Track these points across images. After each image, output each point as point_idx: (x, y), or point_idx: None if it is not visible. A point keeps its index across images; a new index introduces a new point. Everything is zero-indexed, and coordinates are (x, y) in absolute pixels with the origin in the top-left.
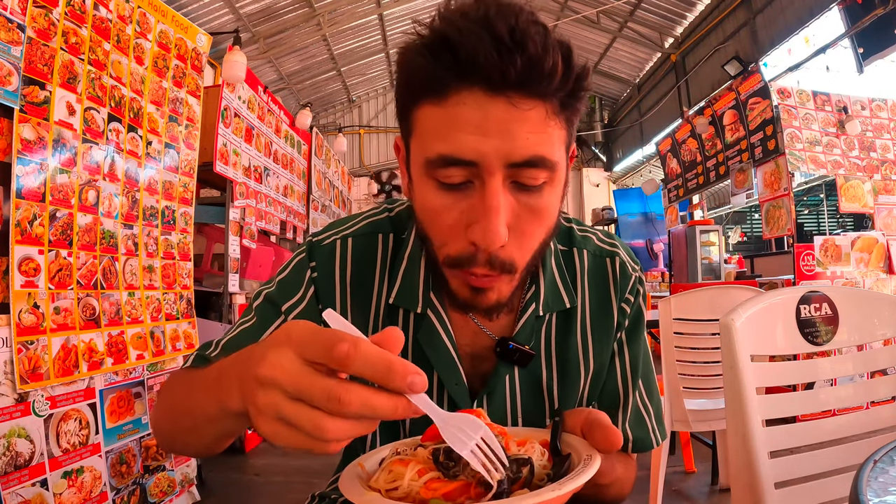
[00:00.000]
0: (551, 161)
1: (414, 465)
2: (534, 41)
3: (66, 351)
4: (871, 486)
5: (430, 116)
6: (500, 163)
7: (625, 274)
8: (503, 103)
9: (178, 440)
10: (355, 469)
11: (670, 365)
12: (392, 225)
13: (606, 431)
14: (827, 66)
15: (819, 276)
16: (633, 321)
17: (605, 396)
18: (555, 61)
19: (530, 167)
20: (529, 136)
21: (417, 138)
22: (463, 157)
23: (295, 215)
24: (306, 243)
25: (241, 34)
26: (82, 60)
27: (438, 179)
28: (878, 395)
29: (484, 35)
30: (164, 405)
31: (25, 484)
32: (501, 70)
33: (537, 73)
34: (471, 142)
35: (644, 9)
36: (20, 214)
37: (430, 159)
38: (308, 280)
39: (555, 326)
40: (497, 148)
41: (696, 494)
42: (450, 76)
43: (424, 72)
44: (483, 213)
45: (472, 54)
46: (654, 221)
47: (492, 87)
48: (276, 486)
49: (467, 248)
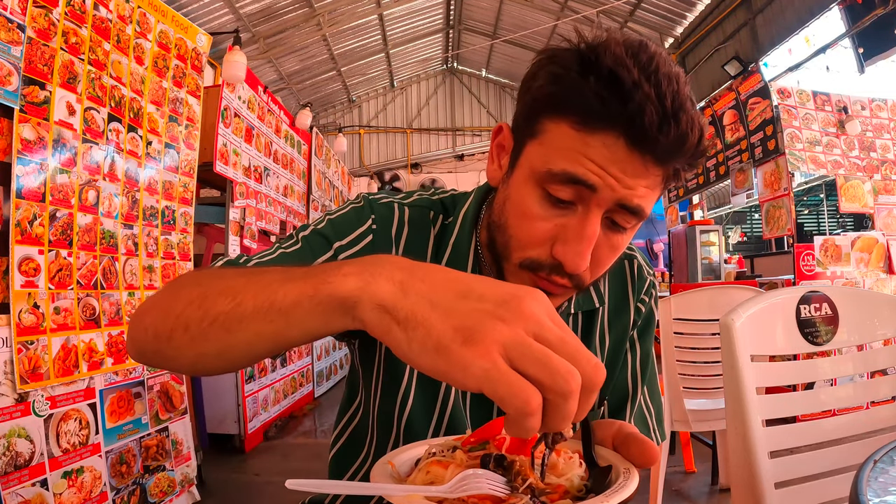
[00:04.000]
0: (646, 215)
1: (454, 468)
2: (687, 117)
3: (66, 351)
4: (871, 486)
5: (567, 135)
6: (612, 199)
7: (642, 276)
8: (638, 160)
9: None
10: (386, 468)
11: (670, 365)
12: (441, 207)
13: (643, 446)
14: (827, 66)
15: (819, 276)
16: (645, 320)
17: (615, 391)
18: (694, 141)
19: (630, 214)
20: (644, 191)
21: (541, 146)
22: (587, 179)
23: (295, 215)
24: (362, 197)
25: (241, 34)
26: (82, 60)
27: (548, 191)
28: (878, 395)
29: (653, 95)
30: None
31: (25, 484)
32: (656, 136)
33: (678, 149)
34: (598, 171)
35: (644, 9)
36: (20, 214)
37: (552, 172)
38: (367, 229)
39: (581, 324)
40: (616, 187)
41: (696, 494)
42: (606, 115)
43: (583, 97)
44: (577, 237)
45: (639, 110)
46: (654, 221)
47: (635, 143)
48: (276, 486)
49: (549, 259)
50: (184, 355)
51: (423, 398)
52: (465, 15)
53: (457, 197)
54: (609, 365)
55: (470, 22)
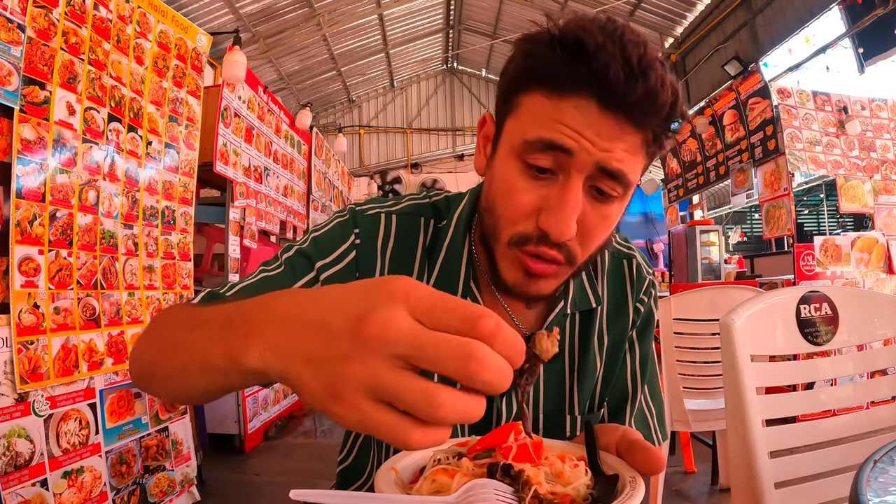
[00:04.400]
0: (630, 181)
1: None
2: (656, 74)
3: (66, 351)
4: (871, 486)
5: (540, 105)
6: (590, 162)
7: (641, 276)
8: (611, 121)
9: (156, 381)
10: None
11: (670, 365)
12: (433, 211)
13: (648, 453)
14: (827, 66)
15: (819, 276)
16: (644, 321)
17: (614, 392)
18: (666, 99)
19: (612, 179)
20: (622, 154)
21: (518, 119)
22: (563, 143)
23: (295, 215)
24: (348, 209)
25: (241, 34)
26: (82, 60)
27: (527, 162)
28: (878, 395)
29: (617, 54)
30: (151, 337)
31: (25, 484)
32: (623, 92)
33: (651, 105)
34: (573, 135)
35: (644, 9)
36: (20, 214)
37: (528, 140)
38: (350, 245)
39: (578, 324)
40: (592, 150)
41: (696, 494)
42: (573, 78)
43: (550, 65)
44: (560, 204)
45: (603, 68)
46: (654, 221)
47: (606, 103)
48: (276, 486)
49: (535, 230)
50: (166, 395)
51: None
52: (465, 15)
53: (451, 199)
54: (608, 365)
55: (470, 22)
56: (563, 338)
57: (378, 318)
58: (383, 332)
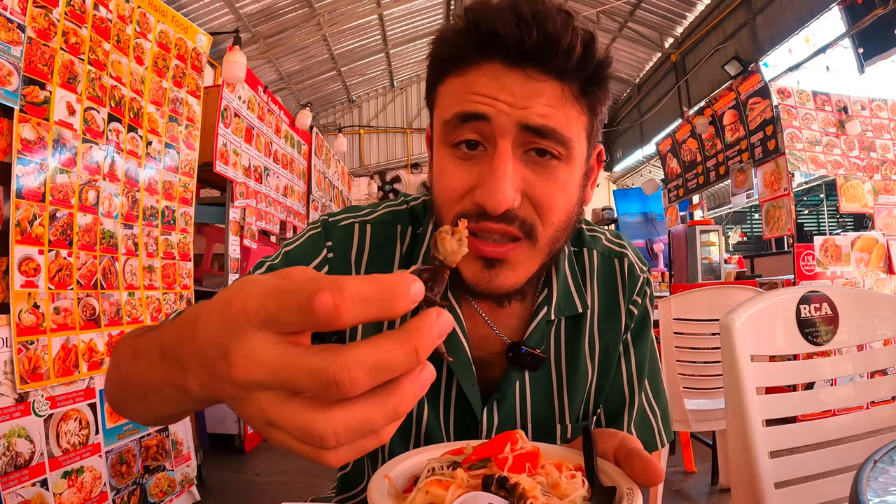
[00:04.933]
0: (564, 135)
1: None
2: (553, 21)
3: (66, 351)
4: (871, 486)
5: (451, 87)
6: (511, 124)
7: (633, 275)
8: (519, 76)
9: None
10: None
11: (670, 365)
12: (411, 217)
13: (646, 464)
14: (827, 66)
15: (819, 276)
16: (639, 322)
17: (610, 398)
18: (572, 41)
19: (543, 136)
20: (544, 108)
21: (438, 109)
22: (477, 111)
23: (295, 215)
24: (321, 221)
25: (241, 34)
26: (82, 60)
27: (453, 144)
28: (878, 395)
29: (506, 12)
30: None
31: (25, 484)
32: (517, 41)
33: (553, 48)
34: (486, 100)
35: (644, 9)
36: (20, 214)
37: (445, 121)
38: (323, 259)
39: (564, 330)
40: (509, 110)
41: (696, 494)
42: (470, 49)
43: (448, 47)
44: (490, 173)
45: (492, 27)
46: (654, 221)
47: (509, 60)
48: (276, 486)
49: (474, 207)
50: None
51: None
52: None
53: (428, 203)
54: (601, 372)
55: None
56: (548, 344)
57: (237, 357)
58: (247, 374)
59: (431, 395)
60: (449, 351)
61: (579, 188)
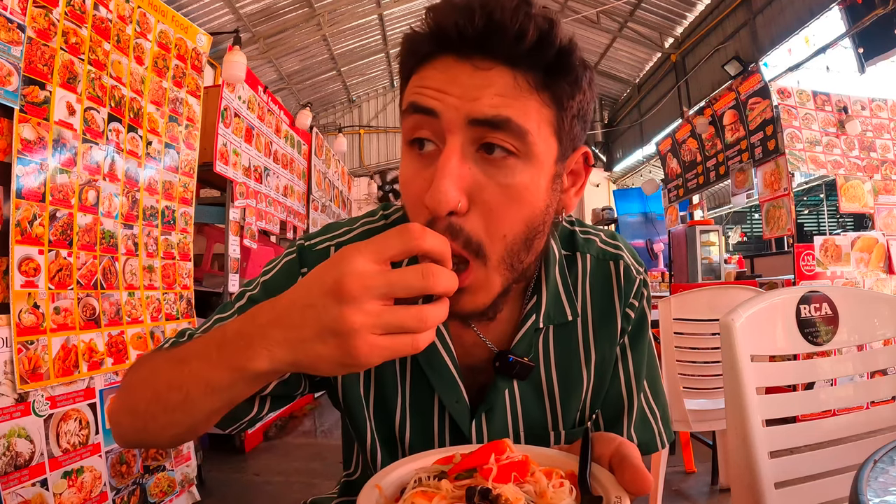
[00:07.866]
0: (519, 126)
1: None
2: (502, 8)
3: (66, 351)
4: (871, 486)
5: (412, 83)
6: (460, 119)
7: (629, 278)
8: (468, 67)
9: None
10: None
11: (670, 365)
12: None
13: (637, 474)
14: (827, 66)
15: (819, 276)
16: (636, 326)
17: (608, 403)
18: (522, 26)
19: (494, 128)
20: (494, 98)
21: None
22: (426, 104)
23: (295, 215)
24: (297, 246)
25: (241, 34)
26: (82, 60)
27: (409, 141)
28: (878, 395)
29: (460, 4)
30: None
31: (25, 484)
32: (462, 30)
33: (500, 34)
34: (435, 94)
35: (644, 9)
36: (20, 214)
37: (401, 112)
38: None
39: (553, 337)
40: (458, 103)
41: (696, 494)
42: (425, 47)
43: (412, 47)
44: (435, 173)
45: (440, 20)
46: (654, 221)
47: (459, 53)
48: (276, 486)
49: (427, 217)
50: (163, 436)
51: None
52: None
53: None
54: (598, 378)
55: None
56: (536, 352)
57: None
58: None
59: (416, 412)
60: (432, 373)
61: (546, 192)
